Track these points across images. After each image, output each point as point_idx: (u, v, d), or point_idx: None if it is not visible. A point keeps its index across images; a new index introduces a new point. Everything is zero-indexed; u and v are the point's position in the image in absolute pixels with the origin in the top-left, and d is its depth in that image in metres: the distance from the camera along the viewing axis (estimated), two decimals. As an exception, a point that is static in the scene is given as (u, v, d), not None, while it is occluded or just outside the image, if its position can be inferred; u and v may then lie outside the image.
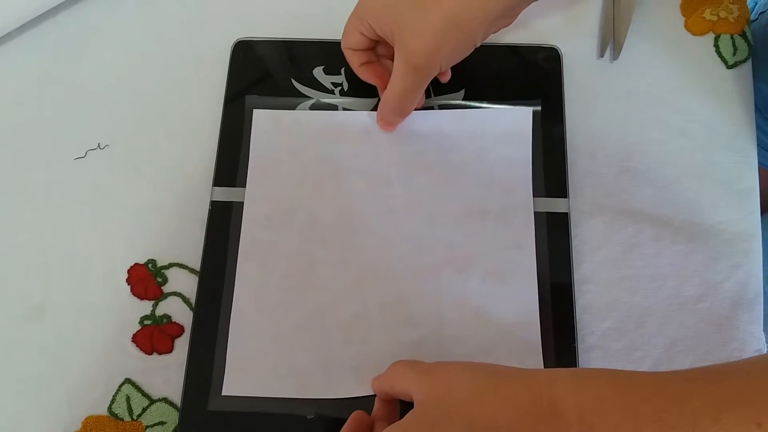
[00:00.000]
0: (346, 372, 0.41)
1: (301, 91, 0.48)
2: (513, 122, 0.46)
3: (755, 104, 0.49)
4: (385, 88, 0.44)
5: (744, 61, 0.49)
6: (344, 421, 0.39)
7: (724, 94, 0.48)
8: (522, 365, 0.40)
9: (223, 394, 0.40)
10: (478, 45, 0.42)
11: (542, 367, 0.40)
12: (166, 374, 0.42)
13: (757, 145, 0.48)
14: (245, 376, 0.41)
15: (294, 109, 0.47)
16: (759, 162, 0.47)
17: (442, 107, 0.47)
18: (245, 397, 0.40)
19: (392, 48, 0.42)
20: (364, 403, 0.40)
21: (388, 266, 0.43)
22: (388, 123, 0.46)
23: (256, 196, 0.45)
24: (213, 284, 0.43)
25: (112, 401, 0.41)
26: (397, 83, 0.42)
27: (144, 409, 0.41)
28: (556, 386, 0.31)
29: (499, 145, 0.46)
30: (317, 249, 0.43)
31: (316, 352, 0.41)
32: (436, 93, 0.47)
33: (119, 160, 0.47)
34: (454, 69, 0.48)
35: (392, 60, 0.42)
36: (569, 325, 0.42)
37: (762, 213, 0.47)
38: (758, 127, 0.48)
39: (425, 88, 0.44)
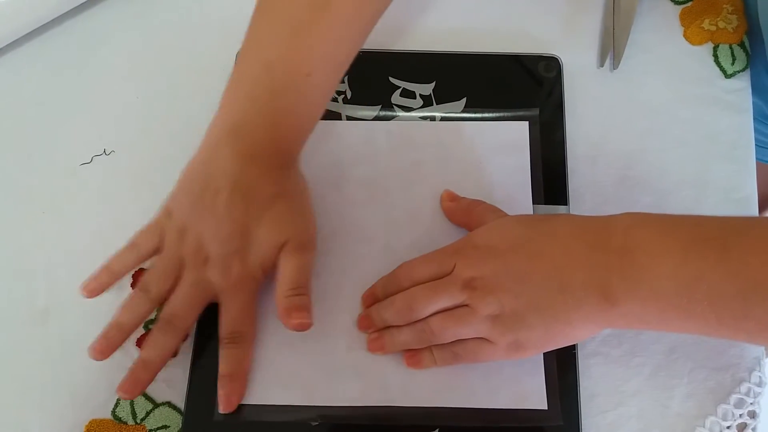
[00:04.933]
0: (350, 379, 0.41)
1: (304, 98, 0.48)
2: (509, 135, 0.47)
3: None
4: None
5: (743, 70, 0.50)
6: (348, 427, 0.40)
7: (722, 104, 0.49)
8: (522, 370, 0.41)
9: None
10: None
11: (542, 373, 0.41)
12: (169, 378, 0.42)
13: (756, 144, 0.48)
14: (250, 384, 0.41)
15: (297, 116, 0.48)
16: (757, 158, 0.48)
17: (444, 119, 0.48)
18: (249, 405, 0.41)
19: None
20: (367, 408, 0.40)
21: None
22: (299, 308, 0.40)
23: None
24: (217, 289, 0.43)
25: (116, 405, 0.42)
26: (304, 267, 0.41)
27: (148, 413, 0.41)
28: (607, 219, 0.37)
29: (497, 156, 0.47)
30: (319, 257, 0.44)
31: (320, 360, 0.42)
32: (438, 102, 0.48)
33: (124, 166, 0.48)
34: (456, 78, 0.49)
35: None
36: (569, 332, 0.42)
37: (760, 210, 0.47)
38: (756, 130, 0.49)
39: None
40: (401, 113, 0.48)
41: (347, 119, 0.48)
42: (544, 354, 0.41)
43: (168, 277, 0.40)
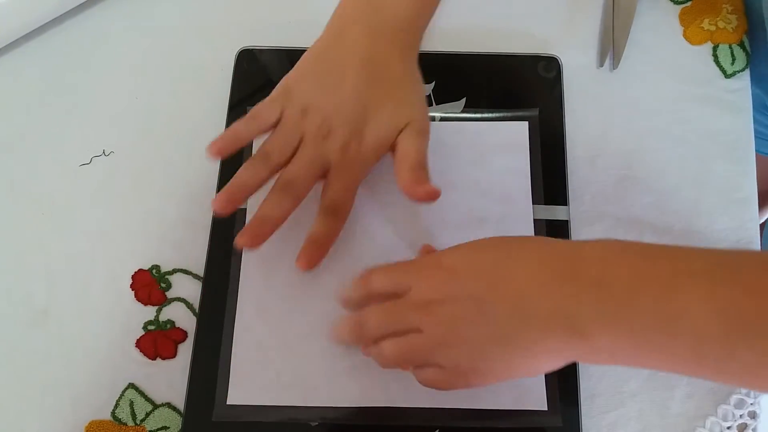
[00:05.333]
0: (350, 379, 0.41)
1: (304, 99, 0.48)
2: (509, 135, 0.47)
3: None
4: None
5: (742, 70, 0.50)
6: (348, 427, 0.40)
7: (722, 103, 0.49)
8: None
9: (228, 404, 0.40)
10: None
11: (542, 378, 0.41)
12: (169, 379, 0.42)
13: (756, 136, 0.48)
14: (250, 384, 0.41)
15: (297, 117, 0.48)
16: (757, 150, 0.48)
17: (443, 119, 0.48)
18: (249, 406, 0.41)
19: None
20: (367, 408, 0.40)
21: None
22: (425, 180, 0.41)
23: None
24: (217, 290, 0.43)
25: (116, 406, 0.42)
26: (424, 150, 0.42)
27: (147, 414, 0.41)
28: (580, 246, 0.35)
29: (496, 156, 0.47)
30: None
31: (319, 360, 0.42)
32: (438, 102, 0.48)
33: (124, 167, 0.48)
34: (456, 78, 0.49)
35: None
36: (569, 332, 0.42)
37: (760, 204, 0.47)
38: (756, 120, 0.49)
39: None
40: (401, 113, 0.48)
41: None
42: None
43: (288, 147, 0.41)
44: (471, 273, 0.36)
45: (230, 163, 0.46)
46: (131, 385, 0.42)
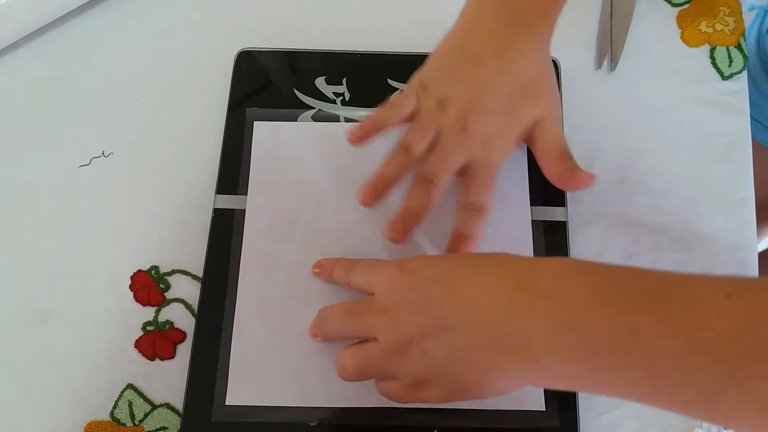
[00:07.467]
0: (348, 379, 0.41)
1: (303, 100, 0.48)
2: None
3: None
4: None
5: (739, 72, 0.50)
6: (347, 427, 0.40)
7: (719, 105, 0.49)
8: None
9: (227, 404, 0.40)
10: None
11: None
12: (168, 380, 0.42)
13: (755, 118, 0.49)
14: (248, 385, 0.41)
15: (296, 118, 0.48)
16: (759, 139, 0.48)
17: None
18: (248, 406, 0.41)
19: None
20: (366, 408, 0.40)
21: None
22: (577, 168, 0.42)
23: (258, 208, 0.45)
24: (215, 291, 0.43)
25: (115, 406, 0.42)
26: (564, 139, 0.43)
27: (146, 414, 0.42)
28: (539, 260, 0.35)
29: None
30: (318, 258, 0.44)
31: (318, 361, 0.42)
32: (437, 103, 0.48)
33: (123, 168, 0.48)
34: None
35: None
36: (567, 333, 0.42)
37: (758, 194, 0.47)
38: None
39: None
40: (399, 115, 0.48)
41: (345, 121, 0.48)
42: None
43: (426, 139, 0.42)
44: (431, 279, 0.35)
45: (230, 165, 0.46)
46: (130, 386, 0.42)
